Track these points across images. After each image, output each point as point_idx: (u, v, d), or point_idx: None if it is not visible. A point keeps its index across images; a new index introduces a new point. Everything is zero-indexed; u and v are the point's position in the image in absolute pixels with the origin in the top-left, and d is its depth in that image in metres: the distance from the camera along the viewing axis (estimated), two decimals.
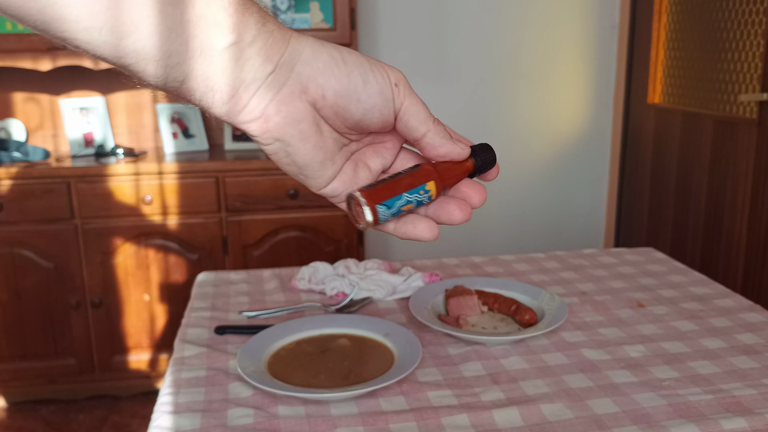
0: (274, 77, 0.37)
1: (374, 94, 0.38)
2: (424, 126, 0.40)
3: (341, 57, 0.38)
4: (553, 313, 1.02)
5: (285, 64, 0.37)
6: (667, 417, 0.78)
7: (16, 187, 1.98)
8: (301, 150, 0.39)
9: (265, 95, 0.37)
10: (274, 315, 1.08)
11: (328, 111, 0.38)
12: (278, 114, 0.37)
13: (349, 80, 0.37)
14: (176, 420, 0.79)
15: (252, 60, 0.36)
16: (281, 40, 0.37)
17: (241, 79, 0.36)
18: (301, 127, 0.38)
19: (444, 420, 0.78)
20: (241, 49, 0.35)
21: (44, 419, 2.09)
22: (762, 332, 1.01)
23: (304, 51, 0.37)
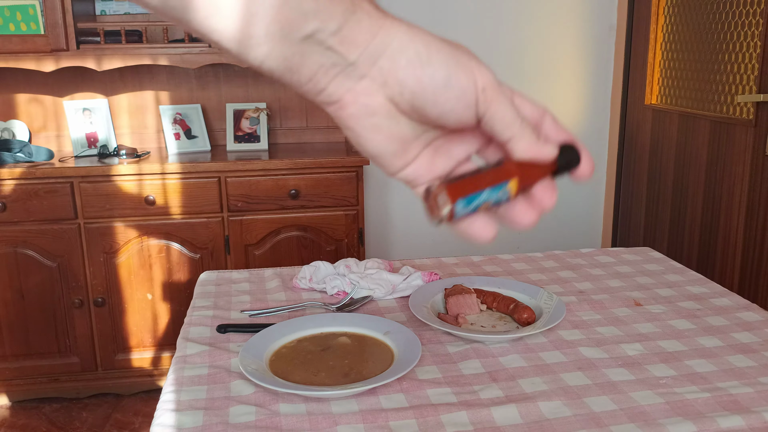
0: (354, 67, 0.36)
1: (452, 98, 0.36)
2: (508, 131, 0.38)
3: (427, 54, 0.36)
4: (551, 311, 1.03)
5: (368, 56, 0.36)
6: (665, 415, 0.78)
7: (19, 188, 1.99)
8: (371, 140, 0.38)
9: (344, 83, 0.36)
10: (275, 314, 1.08)
11: (405, 106, 0.37)
12: (354, 104, 0.37)
13: (430, 81, 0.36)
14: (178, 417, 0.79)
15: (334, 48, 0.35)
16: (369, 30, 0.35)
17: (320, 63, 0.35)
18: (374, 120, 0.37)
19: (443, 417, 0.78)
20: (323, 38, 0.34)
21: (47, 417, 2.11)
22: (759, 331, 1.01)
23: (391, 44, 0.36)
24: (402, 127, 0.38)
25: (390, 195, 2.64)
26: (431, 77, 0.36)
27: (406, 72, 0.36)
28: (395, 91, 0.36)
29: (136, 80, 2.38)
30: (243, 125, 2.36)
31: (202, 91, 2.42)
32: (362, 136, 0.38)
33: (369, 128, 0.38)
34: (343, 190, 2.12)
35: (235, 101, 2.42)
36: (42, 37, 2.06)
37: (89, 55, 2.11)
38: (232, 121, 2.35)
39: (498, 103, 0.37)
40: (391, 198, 2.64)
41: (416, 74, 0.36)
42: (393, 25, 0.36)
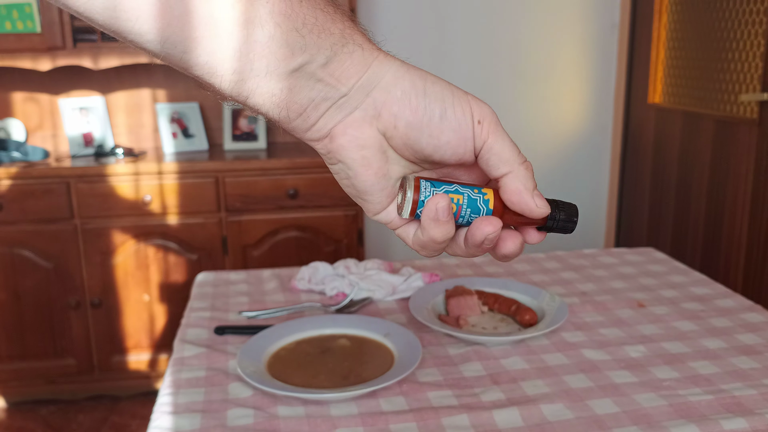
0: (346, 99, 0.35)
1: (448, 130, 0.36)
2: (506, 166, 0.36)
3: (423, 87, 0.35)
4: (554, 313, 1.02)
5: (361, 88, 0.35)
6: (668, 417, 0.78)
7: (15, 187, 1.98)
8: (361, 175, 0.37)
9: (335, 116, 0.36)
10: (273, 315, 1.08)
11: (397, 141, 0.36)
12: (344, 136, 0.36)
13: (425, 113, 0.35)
14: (176, 420, 0.79)
15: (324, 81, 0.35)
16: (361, 62, 0.35)
17: (310, 98, 0.35)
18: (365, 153, 0.37)
19: (444, 420, 0.78)
20: (312, 70, 0.34)
21: (44, 419, 2.09)
22: (762, 332, 1.01)
23: (384, 76, 0.35)
24: (392, 164, 0.38)
25: None
26: (426, 108, 0.35)
27: (401, 104, 0.35)
28: (389, 124, 0.36)
29: (132, 78, 2.36)
30: (241, 124, 2.35)
31: (200, 90, 2.40)
32: (352, 169, 0.37)
33: (359, 161, 0.37)
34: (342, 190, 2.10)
35: None
36: (38, 35, 2.05)
37: (86, 54, 2.09)
38: (230, 120, 2.34)
39: (497, 137, 0.36)
40: None
41: (412, 105, 0.35)
42: (387, 58, 0.36)
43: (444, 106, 0.35)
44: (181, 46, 0.33)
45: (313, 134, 0.37)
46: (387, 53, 0.36)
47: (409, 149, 0.37)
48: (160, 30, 0.32)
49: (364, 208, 0.40)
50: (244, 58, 0.33)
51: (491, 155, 0.36)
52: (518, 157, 0.37)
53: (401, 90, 0.35)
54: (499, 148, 0.36)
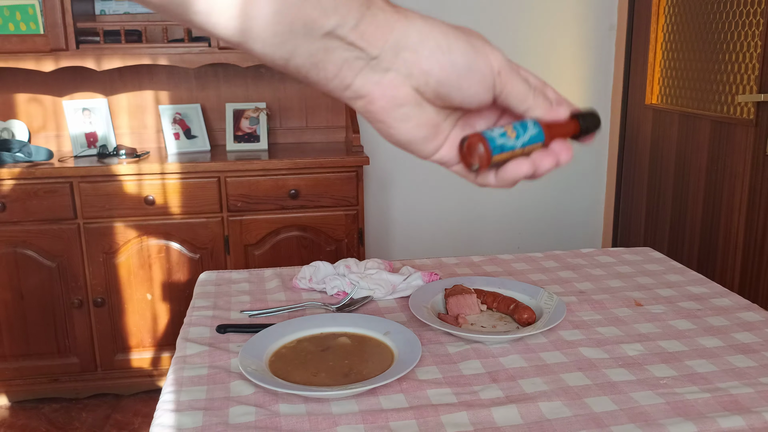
0: (378, 62, 0.37)
1: (475, 83, 0.39)
2: (523, 104, 0.41)
3: (447, 44, 0.38)
4: (552, 312, 1.03)
5: (390, 50, 0.37)
6: (665, 415, 0.78)
7: (19, 187, 1.99)
8: (402, 129, 0.40)
9: (370, 77, 0.38)
10: (275, 314, 1.08)
11: (430, 94, 0.39)
12: (383, 98, 0.39)
13: (453, 69, 0.38)
14: (178, 418, 0.79)
15: (356, 43, 0.36)
16: (386, 24, 0.37)
17: (344, 58, 0.37)
18: (403, 110, 0.39)
19: (443, 418, 0.78)
20: (345, 33, 0.36)
21: (47, 418, 2.10)
22: (759, 331, 1.01)
23: (410, 36, 0.37)
24: (428, 113, 0.40)
25: (390, 195, 2.64)
26: (453, 64, 0.38)
27: (430, 61, 0.38)
28: (421, 81, 0.38)
29: (135, 80, 2.37)
30: (243, 125, 2.36)
31: (202, 91, 2.42)
32: (393, 127, 0.40)
33: (399, 118, 0.40)
34: (343, 190, 2.12)
35: (234, 101, 2.42)
36: (41, 36, 2.06)
37: (89, 55, 2.11)
38: (232, 121, 2.35)
39: (512, 82, 0.40)
40: (391, 198, 2.64)
41: (440, 63, 0.38)
42: (408, 18, 0.38)
43: (468, 62, 0.38)
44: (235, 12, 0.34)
45: (351, 94, 0.39)
46: (407, 11, 0.38)
47: (440, 99, 0.40)
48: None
49: (415, 154, 0.43)
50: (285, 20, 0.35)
51: (511, 98, 0.41)
52: (530, 92, 0.41)
53: (428, 49, 0.38)
54: (516, 92, 0.41)
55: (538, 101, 0.42)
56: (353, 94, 0.39)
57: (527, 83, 0.41)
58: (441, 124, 0.42)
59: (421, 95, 0.39)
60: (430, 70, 0.38)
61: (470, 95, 0.39)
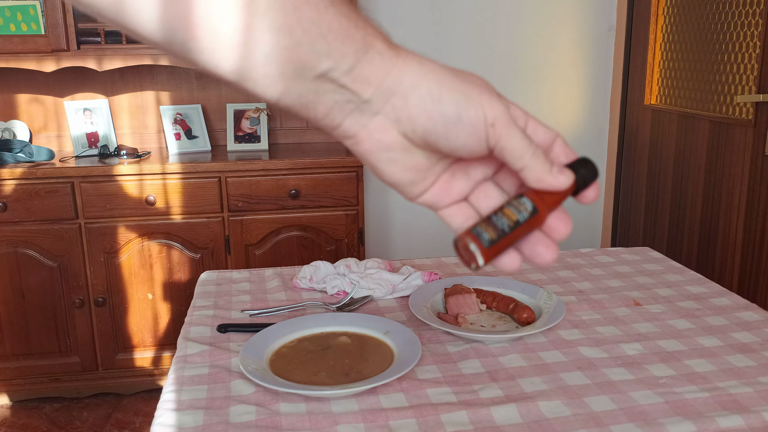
0: (368, 105, 0.37)
1: (463, 134, 0.37)
2: (520, 162, 0.38)
3: (438, 92, 0.37)
4: (551, 311, 1.03)
5: (381, 95, 0.37)
6: (664, 414, 0.78)
7: (20, 188, 1.99)
8: (387, 172, 0.39)
9: (359, 119, 0.38)
10: (275, 313, 1.09)
11: (418, 140, 0.38)
12: (369, 140, 0.38)
13: (441, 119, 0.37)
14: (179, 417, 0.79)
15: (347, 87, 0.36)
16: (381, 69, 0.36)
17: (334, 100, 0.37)
18: (390, 154, 0.39)
19: (443, 417, 0.78)
20: (337, 76, 0.36)
21: (48, 417, 2.11)
22: (758, 331, 1.01)
23: (403, 81, 0.37)
24: (417, 158, 0.39)
25: (390, 195, 2.64)
26: (441, 114, 0.37)
27: (417, 110, 0.37)
28: (408, 128, 0.37)
29: (136, 80, 2.38)
30: (243, 125, 2.36)
31: (203, 92, 2.42)
32: (379, 169, 0.39)
33: (385, 161, 0.39)
34: (343, 190, 2.12)
35: (235, 101, 2.42)
36: (42, 37, 2.06)
37: (90, 56, 2.11)
38: (233, 122, 2.35)
39: (508, 136, 0.38)
40: (391, 198, 2.64)
41: (427, 112, 0.37)
42: (405, 63, 0.37)
43: (459, 112, 0.37)
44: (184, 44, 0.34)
45: (340, 133, 0.39)
46: (406, 55, 0.37)
47: (429, 146, 0.39)
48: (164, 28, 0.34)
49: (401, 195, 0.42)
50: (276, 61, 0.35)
51: (505, 153, 0.38)
52: (529, 149, 0.38)
53: (418, 97, 0.37)
54: (511, 147, 0.38)
55: (536, 162, 0.38)
56: (341, 134, 0.39)
57: (526, 139, 0.38)
58: (430, 169, 0.40)
59: (410, 141, 0.38)
60: (417, 118, 0.37)
61: (459, 146, 0.38)
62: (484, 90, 0.38)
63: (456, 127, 0.37)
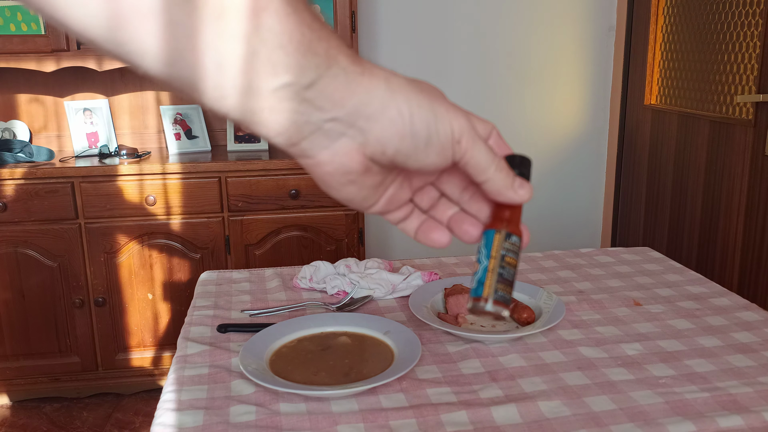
0: (332, 126, 0.34)
1: (433, 154, 0.37)
2: (483, 175, 0.39)
3: (410, 113, 0.35)
4: (551, 311, 1.03)
5: (347, 116, 0.34)
6: (664, 414, 0.78)
7: (20, 188, 1.99)
8: (342, 192, 0.38)
9: (321, 141, 0.35)
10: (275, 313, 1.09)
11: (384, 162, 0.37)
12: (331, 164, 0.36)
13: (411, 140, 0.36)
14: (179, 417, 0.79)
15: (307, 104, 0.33)
16: (345, 88, 0.34)
17: (291, 120, 0.34)
18: (350, 177, 0.37)
19: (443, 417, 0.78)
20: (296, 91, 0.33)
21: (48, 417, 2.11)
22: (758, 331, 1.01)
23: (372, 103, 0.34)
24: (374, 177, 0.38)
25: None
26: (413, 136, 0.36)
27: (388, 132, 0.35)
28: (377, 150, 0.36)
29: (136, 80, 2.38)
30: None
31: None
32: (335, 189, 0.38)
33: (344, 183, 0.37)
34: None
35: None
36: (42, 37, 2.06)
37: (90, 55, 2.11)
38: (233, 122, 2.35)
39: (473, 150, 0.38)
40: None
41: (400, 133, 0.35)
42: (371, 82, 0.35)
43: (429, 133, 0.36)
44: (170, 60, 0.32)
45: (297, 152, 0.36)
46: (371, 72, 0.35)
47: (393, 166, 0.38)
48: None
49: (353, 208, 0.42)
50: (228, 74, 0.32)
51: (469, 167, 0.38)
52: (492, 162, 0.38)
53: (389, 119, 0.35)
54: (475, 162, 0.38)
55: (499, 176, 0.39)
56: (299, 152, 0.36)
57: (490, 153, 0.38)
58: (382, 184, 0.39)
59: (375, 162, 0.37)
60: (389, 140, 0.35)
61: (428, 164, 0.37)
62: (445, 102, 0.37)
63: (426, 147, 0.36)
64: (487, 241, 0.41)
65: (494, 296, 0.40)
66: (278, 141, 0.35)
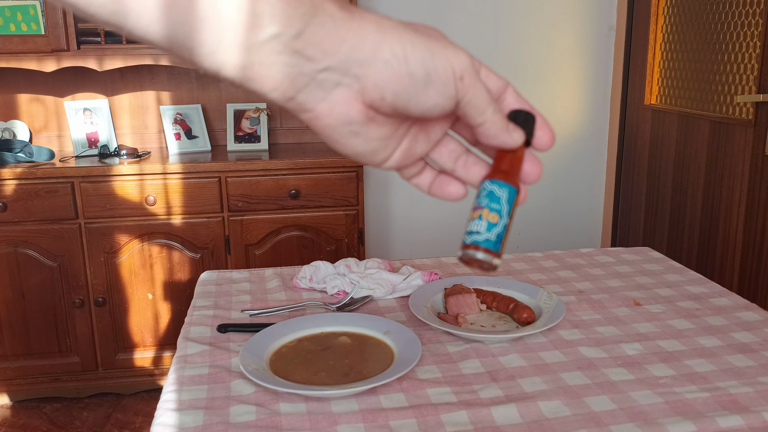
0: (326, 76, 0.34)
1: (434, 93, 0.35)
2: (481, 117, 0.37)
3: (404, 53, 0.34)
4: (551, 311, 1.03)
5: (339, 63, 0.33)
6: (664, 414, 0.78)
7: (20, 188, 1.99)
8: (349, 144, 0.37)
9: (316, 93, 0.34)
10: (275, 313, 1.09)
11: (385, 109, 0.36)
12: (330, 116, 0.35)
13: (410, 81, 0.34)
14: (179, 417, 0.80)
15: (298, 54, 0.33)
16: (334, 34, 0.33)
17: (285, 73, 0.33)
18: (352, 128, 0.36)
19: (443, 417, 0.78)
20: (285, 42, 0.32)
21: (48, 417, 2.11)
22: (758, 331, 1.01)
23: (363, 47, 0.33)
24: (379, 127, 0.37)
25: (390, 195, 2.64)
26: (411, 76, 0.34)
27: (384, 75, 0.34)
28: (375, 96, 0.35)
29: (136, 80, 2.38)
30: (243, 125, 2.36)
31: (203, 92, 2.42)
32: (339, 143, 0.37)
33: (347, 135, 0.36)
34: (343, 190, 2.12)
35: (235, 101, 2.42)
36: (43, 37, 2.06)
37: (90, 55, 2.11)
38: (233, 122, 2.35)
39: (475, 89, 0.36)
40: (391, 198, 2.65)
41: (396, 75, 0.34)
42: (361, 26, 0.34)
43: (427, 71, 0.34)
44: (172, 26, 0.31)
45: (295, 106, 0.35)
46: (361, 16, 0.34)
47: (396, 113, 0.36)
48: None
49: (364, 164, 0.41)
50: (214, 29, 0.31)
51: (470, 107, 0.37)
52: (491, 104, 0.37)
53: (382, 61, 0.34)
54: (477, 102, 0.37)
55: (495, 118, 0.38)
56: (297, 107, 0.35)
57: (488, 94, 0.37)
58: (392, 136, 0.38)
59: (375, 110, 0.36)
60: (386, 84, 0.34)
61: (430, 106, 0.36)
62: (445, 41, 0.36)
63: (427, 87, 0.35)
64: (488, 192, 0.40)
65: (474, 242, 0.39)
66: (274, 96, 0.34)
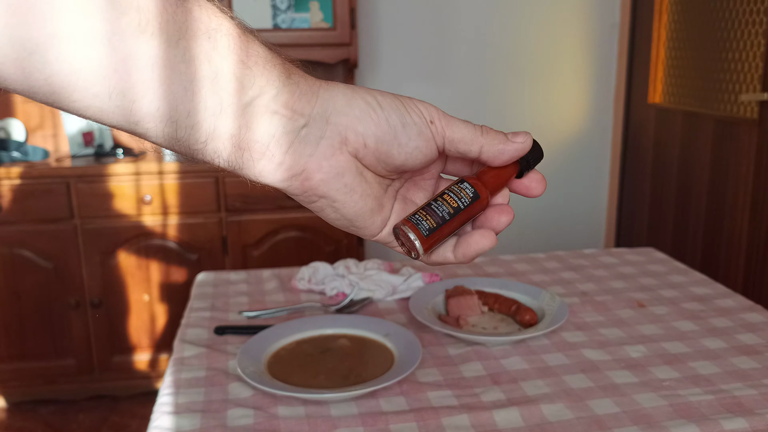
0: (308, 131, 0.35)
1: (414, 136, 0.37)
2: (475, 145, 0.38)
3: (376, 101, 0.36)
4: (554, 313, 1.02)
5: (318, 116, 0.35)
6: (668, 417, 0.78)
7: (15, 187, 1.98)
8: (348, 203, 0.37)
9: (303, 151, 0.35)
10: (273, 315, 1.08)
11: (370, 158, 0.37)
12: (320, 171, 0.36)
13: (389, 125, 0.36)
14: (176, 420, 0.79)
15: (279, 113, 0.34)
16: (309, 91, 0.35)
17: (270, 134, 0.34)
18: (346, 180, 0.37)
19: (444, 420, 0.78)
20: (266, 103, 0.34)
21: (44, 419, 2.09)
22: (763, 332, 1.01)
23: (336, 100, 0.36)
24: (371, 182, 0.38)
25: None
26: (388, 120, 0.36)
27: (364, 121, 0.36)
28: (359, 144, 0.36)
29: None
30: None
31: None
32: (338, 201, 0.37)
33: (343, 190, 0.37)
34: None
35: None
36: None
37: None
38: None
39: (451, 126, 0.38)
40: None
41: (374, 120, 0.36)
42: (329, 85, 0.36)
43: (401, 114, 0.36)
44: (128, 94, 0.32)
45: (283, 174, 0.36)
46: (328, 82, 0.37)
47: (381, 163, 0.37)
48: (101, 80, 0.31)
49: (361, 235, 0.40)
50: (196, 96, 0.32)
51: (458, 145, 0.38)
52: (476, 131, 0.38)
53: (358, 109, 0.36)
54: (459, 136, 0.38)
55: (489, 138, 0.38)
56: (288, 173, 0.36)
57: (469, 123, 0.38)
58: (383, 197, 0.39)
59: (361, 161, 0.37)
60: (366, 129, 0.36)
61: (411, 150, 0.37)
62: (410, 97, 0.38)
63: (405, 129, 0.36)
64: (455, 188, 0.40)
65: (410, 217, 0.39)
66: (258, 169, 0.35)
